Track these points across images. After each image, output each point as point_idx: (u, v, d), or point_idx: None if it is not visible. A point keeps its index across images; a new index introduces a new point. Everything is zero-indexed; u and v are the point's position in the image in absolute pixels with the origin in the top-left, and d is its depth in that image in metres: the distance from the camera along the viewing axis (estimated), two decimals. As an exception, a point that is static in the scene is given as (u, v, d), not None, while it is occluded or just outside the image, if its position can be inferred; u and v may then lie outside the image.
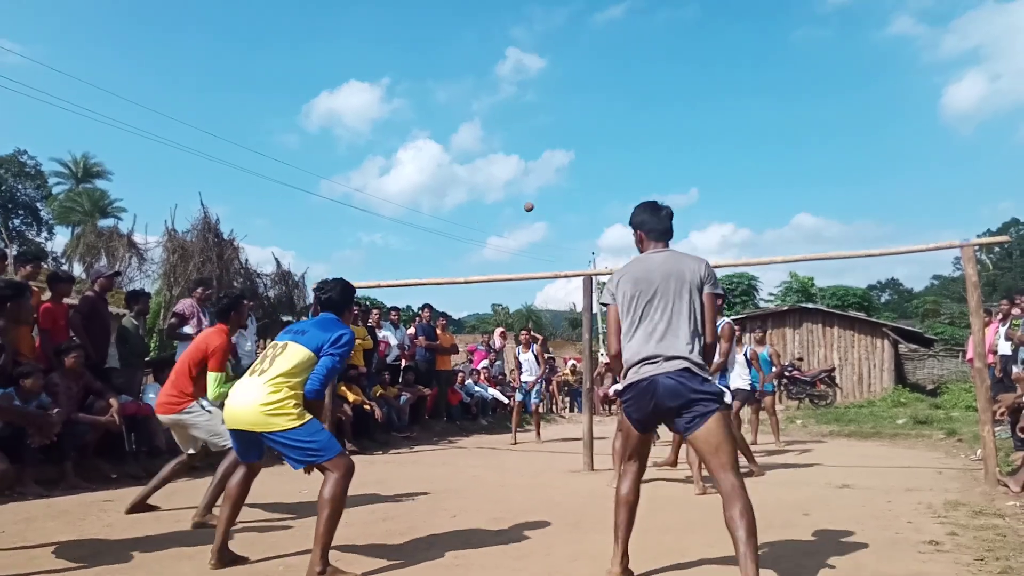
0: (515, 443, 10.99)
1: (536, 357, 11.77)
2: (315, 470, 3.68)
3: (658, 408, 3.29)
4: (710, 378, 3.33)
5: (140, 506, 5.21)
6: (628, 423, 3.49)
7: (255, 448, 3.80)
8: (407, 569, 3.73)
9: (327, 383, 3.70)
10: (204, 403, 4.95)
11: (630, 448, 3.53)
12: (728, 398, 3.44)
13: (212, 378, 4.70)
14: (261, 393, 3.55)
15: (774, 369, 11.51)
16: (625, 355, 3.43)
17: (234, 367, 8.99)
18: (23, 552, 4.01)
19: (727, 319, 6.83)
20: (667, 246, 3.62)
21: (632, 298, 3.45)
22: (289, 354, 3.66)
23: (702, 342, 3.37)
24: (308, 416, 3.61)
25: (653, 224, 3.63)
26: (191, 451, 5.19)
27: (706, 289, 3.42)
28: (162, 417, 5.09)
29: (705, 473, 6.01)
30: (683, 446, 6.76)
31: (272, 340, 4.01)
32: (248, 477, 3.96)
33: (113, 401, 6.70)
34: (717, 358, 3.52)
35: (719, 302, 3.59)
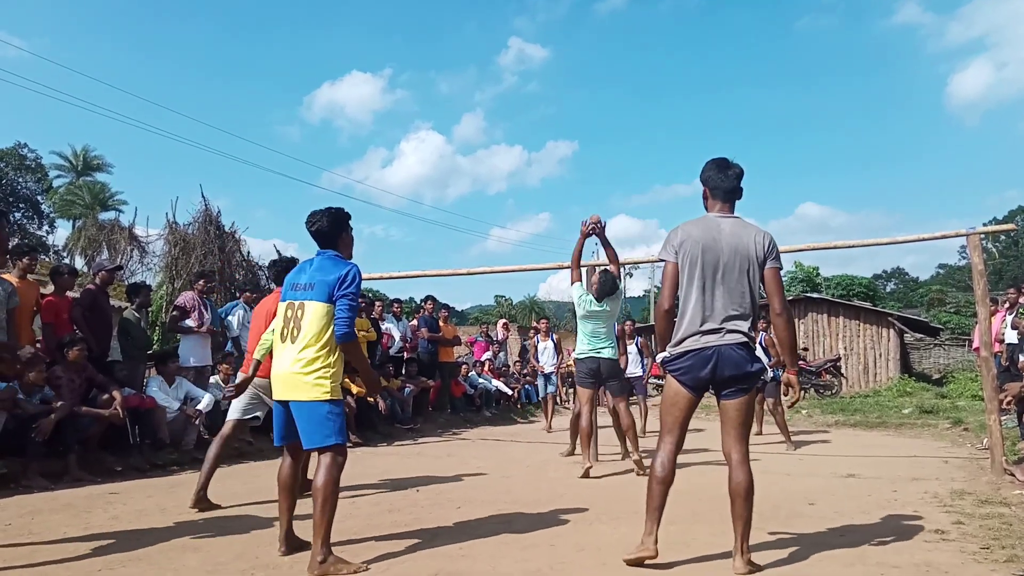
0: (550, 430, 11.49)
1: (556, 345, 12.17)
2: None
3: (716, 376, 3.43)
4: (758, 355, 3.52)
5: (203, 499, 5.10)
6: (673, 392, 3.55)
7: (294, 426, 3.73)
8: (413, 561, 3.72)
9: (352, 324, 3.65)
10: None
11: (671, 419, 3.56)
12: (768, 376, 3.69)
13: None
14: (300, 360, 3.59)
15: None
16: (683, 322, 3.51)
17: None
18: (29, 545, 4.01)
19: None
20: (732, 207, 3.65)
21: (696, 264, 3.50)
22: (309, 315, 3.63)
23: (754, 317, 3.50)
24: (339, 394, 3.65)
25: (718, 182, 3.65)
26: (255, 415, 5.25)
27: (769, 264, 3.51)
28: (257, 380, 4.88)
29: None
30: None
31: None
32: (296, 462, 3.92)
33: (116, 394, 6.71)
34: (782, 333, 3.64)
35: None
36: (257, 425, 5.92)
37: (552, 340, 12.24)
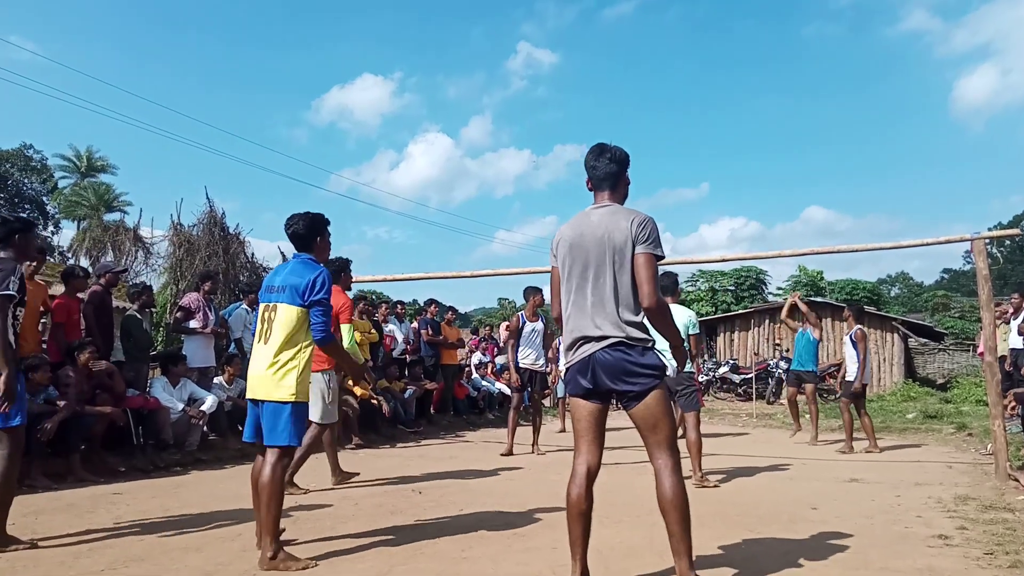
0: (564, 431, 11.61)
1: None
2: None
3: (598, 385, 3.11)
4: (654, 350, 3.14)
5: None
6: (573, 404, 3.26)
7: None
8: (415, 562, 3.73)
9: (328, 327, 3.81)
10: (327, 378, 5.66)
11: (576, 434, 3.24)
12: (671, 371, 3.20)
13: (346, 329, 5.68)
14: (270, 361, 3.73)
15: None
16: (564, 333, 3.28)
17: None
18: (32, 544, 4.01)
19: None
20: (614, 195, 3.31)
21: (567, 266, 3.26)
22: (281, 317, 3.78)
23: (637, 311, 3.12)
24: (303, 398, 3.80)
25: (592, 170, 3.34)
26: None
27: (638, 249, 3.09)
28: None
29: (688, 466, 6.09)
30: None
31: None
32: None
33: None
34: (656, 329, 3.18)
35: (655, 261, 3.14)
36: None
37: None
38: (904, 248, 7.64)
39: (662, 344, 3.37)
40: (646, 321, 3.15)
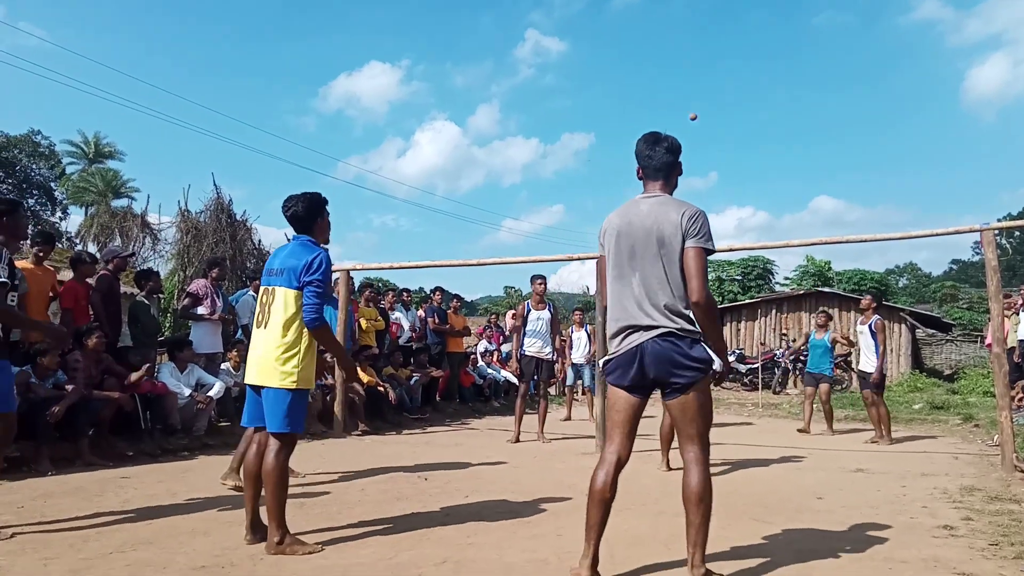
0: (570, 419, 11.92)
1: (590, 336, 11.87)
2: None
3: (644, 376, 3.09)
4: (702, 342, 3.09)
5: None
6: (611, 393, 3.23)
7: (263, 410, 3.79)
8: (420, 548, 3.74)
9: (319, 310, 3.71)
10: None
11: (611, 423, 3.23)
12: (717, 365, 3.17)
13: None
14: (270, 344, 3.69)
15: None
16: (608, 323, 3.26)
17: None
18: (41, 528, 4.05)
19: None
20: (666, 185, 3.28)
21: (612, 255, 3.22)
22: (279, 301, 3.73)
23: (685, 303, 3.07)
24: (307, 383, 3.74)
25: (646, 160, 3.28)
26: None
27: (688, 243, 3.05)
28: None
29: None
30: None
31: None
32: (260, 450, 3.86)
33: (133, 376, 6.85)
34: (701, 325, 3.10)
35: (706, 255, 3.10)
36: None
37: (586, 331, 12.03)
38: (913, 238, 7.59)
39: None
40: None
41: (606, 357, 3.28)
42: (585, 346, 11.94)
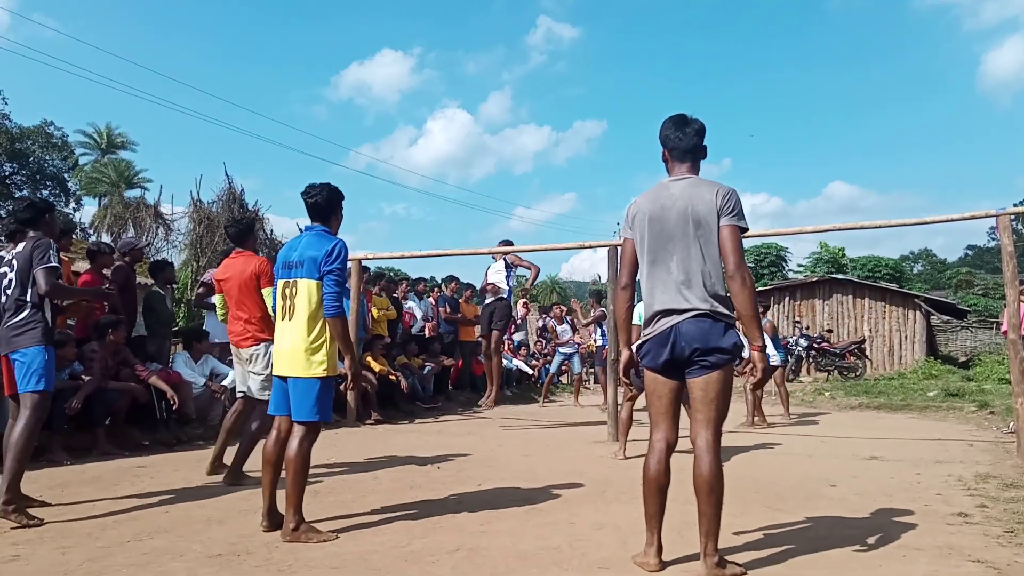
0: (579, 405, 12.45)
1: (572, 326, 13.00)
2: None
3: (675, 355, 3.07)
4: (736, 328, 3.10)
5: (219, 466, 5.41)
6: (650, 380, 3.20)
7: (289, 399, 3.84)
8: (434, 536, 3.76)
9: (339, 298, 3.74)
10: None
11: (654, 410, 3.21)
12: (745, 353, 3.17)
13: (267, 293, 5.03)
14: (298, 337, 3.73)
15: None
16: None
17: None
18: (58, 517, 4.10)
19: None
20: (693, 167, 3.28)
21: (646, 239, 3.20)
22: (303, 292, 3.76)
23: (723, 285, 3.08)
24: (333, 372, 3.78)
25: (675, 141, 3.27)
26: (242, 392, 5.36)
27: (723, 221, 3.07)
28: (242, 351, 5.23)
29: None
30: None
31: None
32: (284, 437, 3.89)
33: (156, 380, 6.92)
34: (737, 300, 3.10)
35: (740, 233, 3.12)
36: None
37: (567, 322, 12.96)
38: (928, 224, 7.51)
39: None
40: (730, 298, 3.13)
41: (640, 340, 3.26)
42: (569, 335, 12.82)
